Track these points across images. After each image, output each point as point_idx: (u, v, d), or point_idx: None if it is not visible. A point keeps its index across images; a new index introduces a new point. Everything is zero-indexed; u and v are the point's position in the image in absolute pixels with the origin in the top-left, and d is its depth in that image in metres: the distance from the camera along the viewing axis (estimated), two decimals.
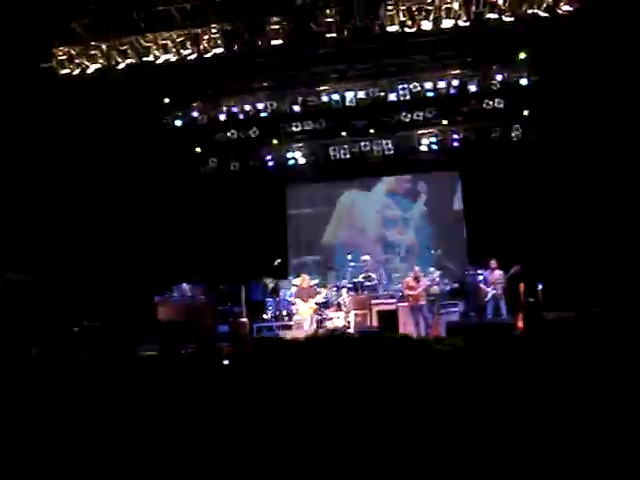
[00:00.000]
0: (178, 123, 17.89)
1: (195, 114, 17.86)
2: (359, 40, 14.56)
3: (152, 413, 4.19)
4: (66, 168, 16.49)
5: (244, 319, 15.89)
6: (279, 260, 17.35)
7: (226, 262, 18.38)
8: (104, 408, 4.54)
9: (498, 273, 15.44)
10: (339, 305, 16.20)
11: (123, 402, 4.97)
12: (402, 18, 13.47)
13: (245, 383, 4.51)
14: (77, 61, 14.24)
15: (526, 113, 17.69)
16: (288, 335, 14.58)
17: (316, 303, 15.84)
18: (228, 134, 18.47)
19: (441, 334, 14.67)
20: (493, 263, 15.61)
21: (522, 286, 14.56)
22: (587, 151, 16.85)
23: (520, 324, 14.16)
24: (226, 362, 8.18)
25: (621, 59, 15.04)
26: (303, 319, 15.63)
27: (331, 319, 15.80)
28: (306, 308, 15.73)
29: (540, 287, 14.43)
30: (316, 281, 16.92)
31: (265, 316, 16.72)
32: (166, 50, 14.15)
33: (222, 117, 17.79)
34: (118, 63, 14.31)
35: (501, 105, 17.40)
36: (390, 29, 13.61)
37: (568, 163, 17.05)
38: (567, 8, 12.72)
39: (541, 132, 17.78)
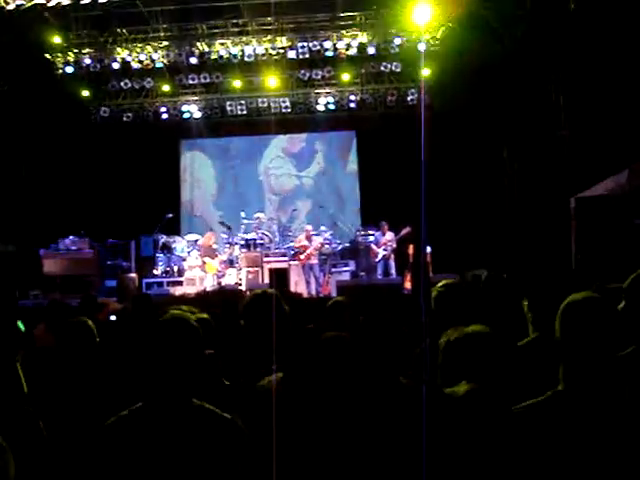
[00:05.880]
0: (69, 70, 17.16)
1: (87, 61, 17.15)
2: None
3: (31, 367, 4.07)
4: None
5: (133, 274, 15.62)
6: (171, 215, 17.06)
7: (116, 216, 17.96)
8: None
9: (389, 235, 15.73)
10: (231, 262, 16.15)
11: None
12: None
13: (128, 340, 4.42)
14: None
15: (423, 75, 17.92)
16: (178, 291, 14.45)
17: (223, 261, 15.86)
18: (121, 84, 17.93)
19: (332, 293, 14.90)
20: (384, 225, 15.88)
21: (411, 248, 14.93)
22: (481, 118, 17.28)
23: (408, 284, 14.55)
24: (113, 317, 8.03)
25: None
26: (205, 276, 15.55)
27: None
28: (216, 264, 15.68)
29: (429, 250, 14.84)
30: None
31: (155, 272, 16.46)
32: None
33: (115, 66, 17.19)
34: (7, 3, 13.57)
35: (398, 69, 17.59)
36: None
37: (461, 128, 17.42)
38: None
39: (437, 97, 18.09)
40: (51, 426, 2.61)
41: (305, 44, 16.90)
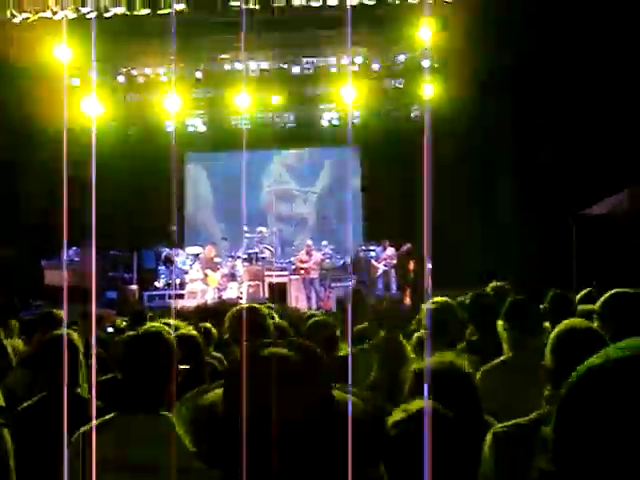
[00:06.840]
0: (75, 83, 17.30)
1: (93, 75, 17.28)
2: (264, 10, 14.47)
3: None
4: None
5: (133, 286, 15.68)
6: (174, 228, 17.13)
7: (119, 228, 18.00)
8: None
9: (389, 250, 15.79)
10: (233, 276, 16.20)
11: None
12: None
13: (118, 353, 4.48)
14: None
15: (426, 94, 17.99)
16: (179, 304, 14.51)
17: (224, 274, 15.94)
18: (127, 97, 18.05)
19: (332, 308, 14.93)
20: (386, 241, 15.95)
21: (412, 264, 14.99)
22: (482, 135, 17.30)
23: (408, 300, 14.60)
24: (110, 329, 8.09)
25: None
26: (206, 289, 15.62)
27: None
28: (218, 277, 15.75)
29: (429, 266, 14.86)
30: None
31: (157, 284, 16.52)
32: (63, 5, 13.66)
33: (121, 79, 17.34)
34: (14, 16, 13.71)
35: (402, 85, 17.67)
36: (295, 2, 13.61)
37: (462, 145, 17.44)
38: None
39: (440, 113, 18.12)
40: (29, 436, 2.67)
41: (310, 60, 17.01)
